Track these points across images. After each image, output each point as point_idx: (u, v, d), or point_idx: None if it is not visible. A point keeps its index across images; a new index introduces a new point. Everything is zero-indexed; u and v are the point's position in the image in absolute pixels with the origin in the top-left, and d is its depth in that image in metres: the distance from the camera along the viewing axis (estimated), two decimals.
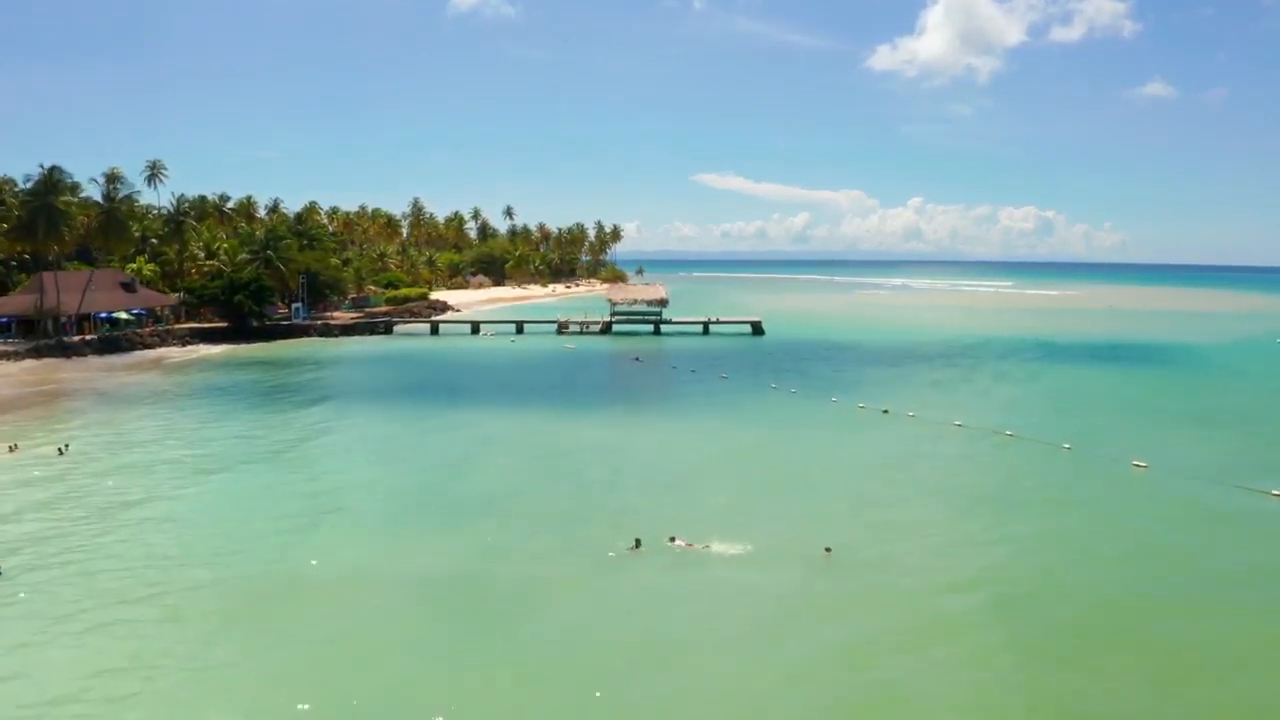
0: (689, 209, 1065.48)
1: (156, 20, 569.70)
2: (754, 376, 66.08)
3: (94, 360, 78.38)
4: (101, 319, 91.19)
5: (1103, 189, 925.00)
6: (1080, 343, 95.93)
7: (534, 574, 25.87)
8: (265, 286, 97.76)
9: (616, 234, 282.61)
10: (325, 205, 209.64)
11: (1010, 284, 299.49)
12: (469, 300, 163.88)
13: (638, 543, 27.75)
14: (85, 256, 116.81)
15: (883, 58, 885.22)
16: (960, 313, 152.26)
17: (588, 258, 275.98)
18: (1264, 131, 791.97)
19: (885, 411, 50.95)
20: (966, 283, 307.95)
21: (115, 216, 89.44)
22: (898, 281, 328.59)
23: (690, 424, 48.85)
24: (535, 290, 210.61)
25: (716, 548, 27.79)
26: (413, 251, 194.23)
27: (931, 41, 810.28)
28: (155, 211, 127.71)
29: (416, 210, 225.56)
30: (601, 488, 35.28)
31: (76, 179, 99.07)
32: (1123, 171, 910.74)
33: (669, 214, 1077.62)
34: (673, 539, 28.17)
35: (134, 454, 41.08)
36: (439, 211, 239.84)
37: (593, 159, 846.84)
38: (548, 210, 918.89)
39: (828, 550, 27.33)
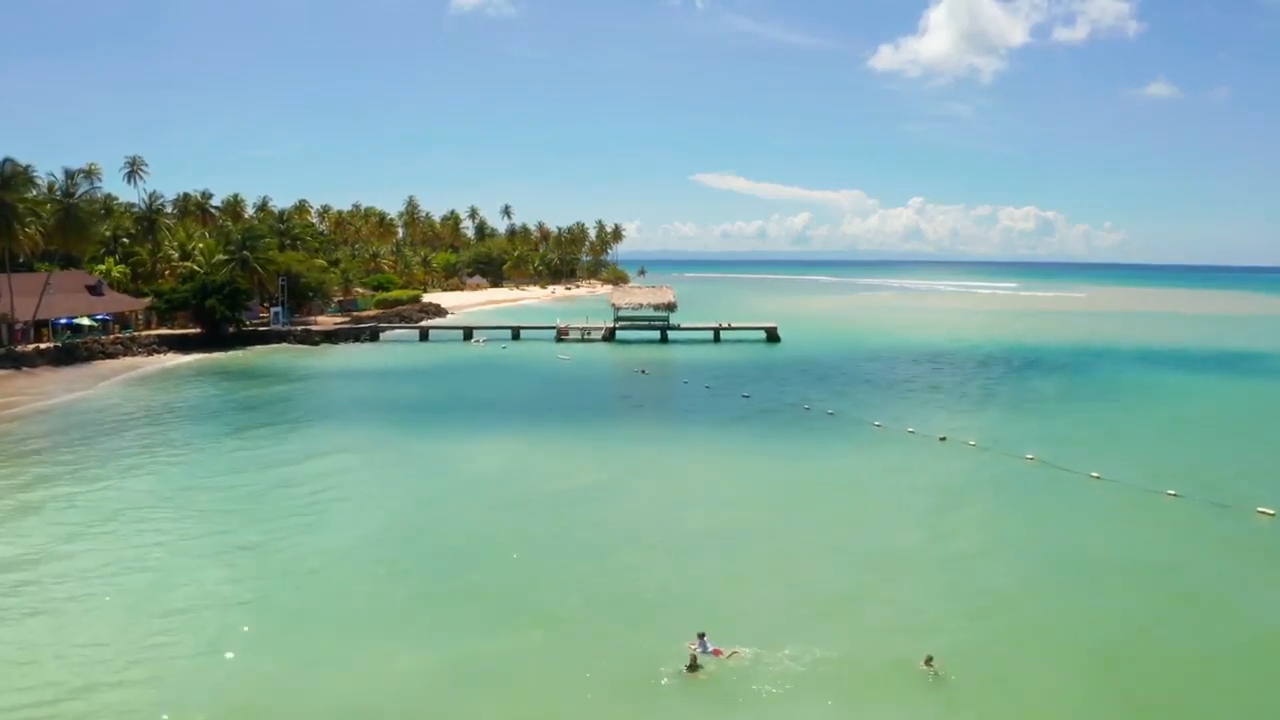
0: (689, 209, 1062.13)
1: (155, 18, 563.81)
2: (779, 394, 58.44)
3: (46, 373, 70.83)
4: (61, 325, 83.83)
5: (1104, 189, 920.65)
6: (1127, 350, 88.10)
7: (539, 714, 18.42)
8: (240, 290, 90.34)
9: (618, 233, 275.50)
10: (325, 205, 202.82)
11: (1015, 285, 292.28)
12: (464, 303, 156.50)
13: (694, 661, 19.98)
14: (64, 258, 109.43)
15: (885, 58, 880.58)
16: (978, 316, 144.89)
17: (588, 258, 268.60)
18: (1265, 131, 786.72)
19: (942, 439, 43.50)
20: (971, 284, 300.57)
21: (74, 214, 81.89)
22: (903, 282, 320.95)
23: (715, 459, 41.10)
24: (534, 292, 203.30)
25: (779, 657, 20.20)
26: (407, 252, 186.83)
27: (934, 41, 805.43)
28: (132, 209, 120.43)
29: (411, 209, 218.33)
30: (615, 555, 27.70)
31: (47, 176, 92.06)
32: (1124, 171, 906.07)
33: (669, 214, 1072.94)
34: (701, 636, 20.61)
35: (45, 498, 33.67)
36: (437, 211, 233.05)
37: (593, 159, 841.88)
38: (547, 211, 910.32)
39: (929, 662, 19.89)
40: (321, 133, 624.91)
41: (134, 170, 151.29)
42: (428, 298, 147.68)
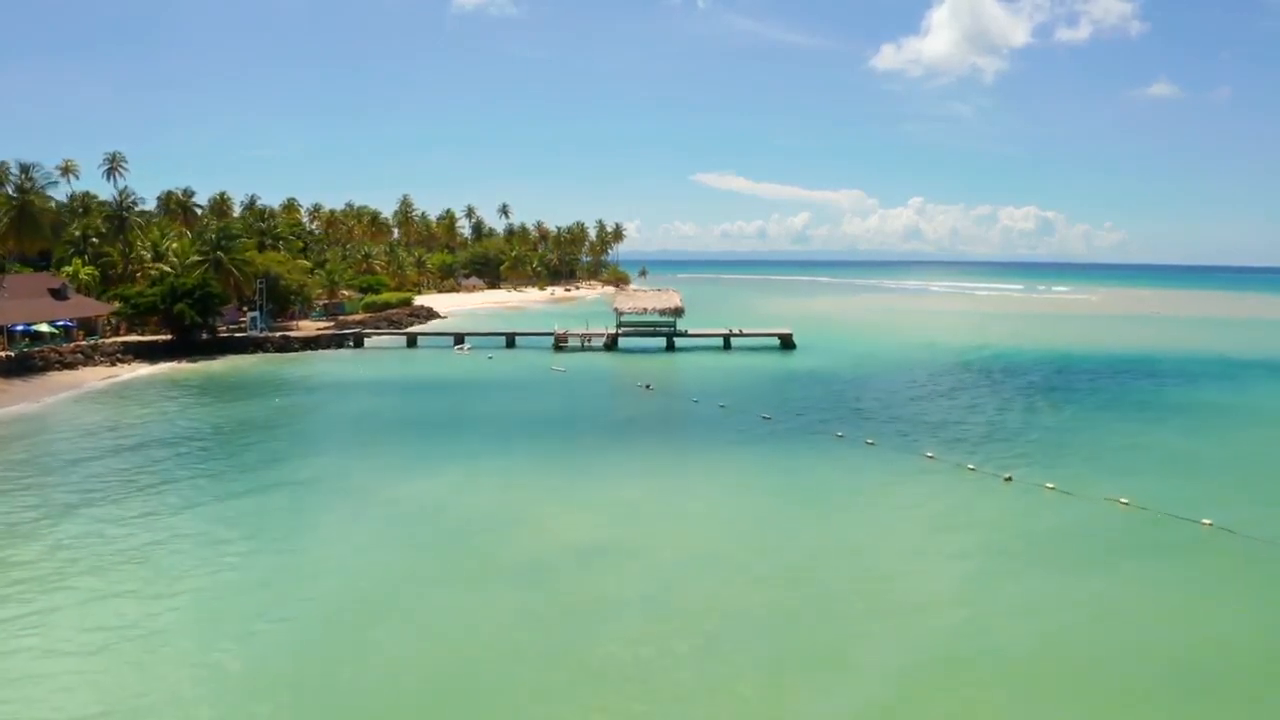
0: (689, 209, 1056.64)
1: (155, 18, 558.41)
2: (805, 415, 51.46)
3: None
4: (18, 332, 76.96)
5: (1104, 189, 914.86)
6: (1184, 359, 79.34)
7: None
8: (212, 293, 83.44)
9: (619, 233, 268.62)
10: (316, 203, 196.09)
11: (1019, 286, 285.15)
12: (458, 305, 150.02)
13: None
14: (38, 259, 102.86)
15: (887, 57, 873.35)
16: (996, 319, 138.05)
17: (588, 258, 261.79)
18: (1266, 131, 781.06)
19: (1008, 479, 36.66)
20: (976, 284, 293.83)
21: (29, 211, 75.27)
22: (906, 283, 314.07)
23: (739, 507, 33.86)
24: (532, 293, 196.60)
25: None
26: (401, 252, 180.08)
27: (937, 41, 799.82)
28: (104, 206, 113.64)
29: (405, 208, 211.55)
30: (626, 660, 20.95)
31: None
32: (1124, 171, 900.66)
33: (669, 214, 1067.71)
34: None
35: None
36: (435, 211, 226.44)
37: (593, 159, 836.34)
38: (547, 211, 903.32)
39: None
40: (321, 133, 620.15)
41: (113, 167, 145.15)
42: (420, 300, 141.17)
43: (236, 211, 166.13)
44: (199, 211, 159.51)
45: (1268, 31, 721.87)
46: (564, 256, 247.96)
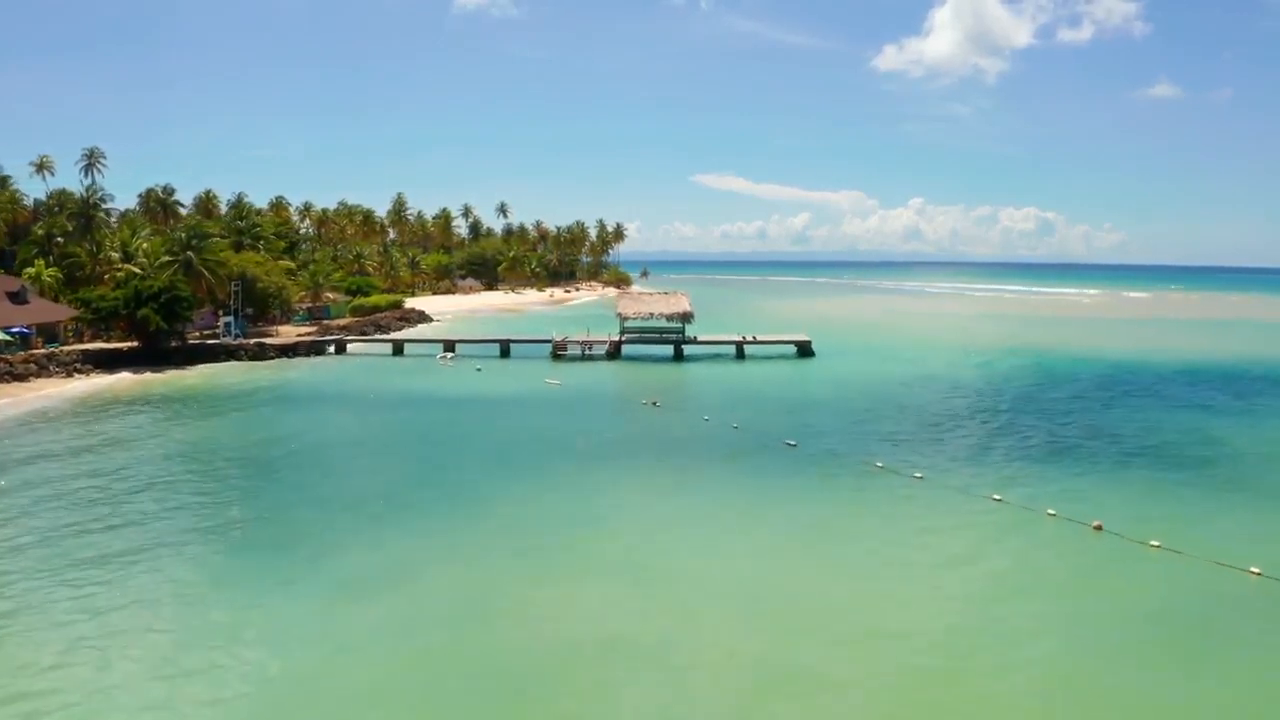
0: (689, 209, 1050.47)
1: (155, 18, 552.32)
2: (833, 438, 44.81)
3: None
4: None
5: (1104, 189, 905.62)
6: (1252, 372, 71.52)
7: None
8: (180, 296, 76.95)
9: (619, 233, 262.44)
10: (318, 204, 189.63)
11: (1022, 287, 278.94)
12: (452, 308, 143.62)
13: None
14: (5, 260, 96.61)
15: (888, 58, 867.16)
16: (1017, 322, 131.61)
17: (588, 259, 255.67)
18: (1267, 132, 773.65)
19: (1097, 527, 30.14)
20: (980, 285, 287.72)
21: None
22: (911, 284, 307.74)
23: (767, 579, 26.55)
24: (531, 295, 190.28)
25: None
26: (395, 253, 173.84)
27: (939, 42, 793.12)
28: (68, 203, 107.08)
29: (398, 206, 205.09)
30: None
31: None
32: (1124, 172, 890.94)
33: (669, 214, 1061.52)
34: None
35: None
36: (434, 210, 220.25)
37: (593, 159, 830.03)
38: (546, 211, 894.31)
39: None
40: (321, 132, 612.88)
41: (91, 163, 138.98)
42: (413, 302, 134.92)
43: (223, 210, 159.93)
44: (182, 210, 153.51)
45: (1269, 32, 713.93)
46: (563, 257, 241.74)
